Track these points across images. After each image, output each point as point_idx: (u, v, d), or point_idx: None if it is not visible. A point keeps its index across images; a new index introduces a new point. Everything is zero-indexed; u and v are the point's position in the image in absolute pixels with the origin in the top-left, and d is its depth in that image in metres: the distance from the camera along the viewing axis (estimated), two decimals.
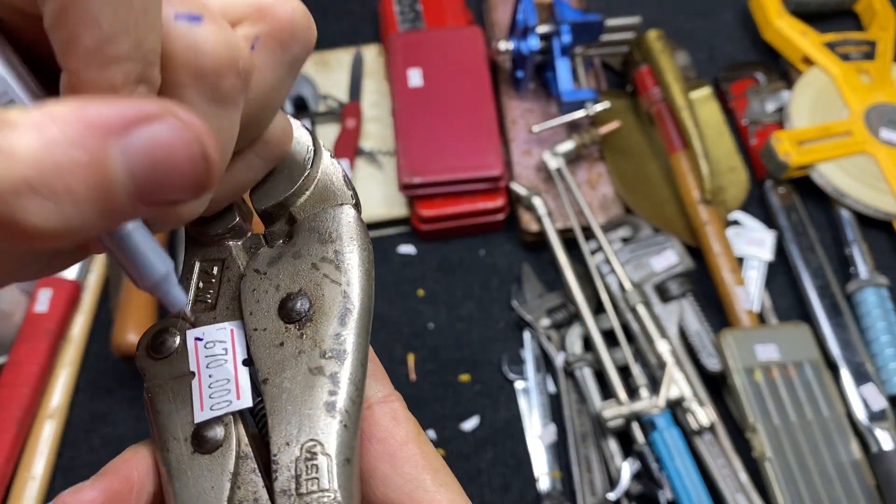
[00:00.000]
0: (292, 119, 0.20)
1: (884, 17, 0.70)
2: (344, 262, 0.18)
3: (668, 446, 0.49)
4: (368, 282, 0.18)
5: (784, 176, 0.62)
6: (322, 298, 0.18)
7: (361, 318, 0.18)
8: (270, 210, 0.19)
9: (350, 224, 0.19)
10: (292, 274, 0.18)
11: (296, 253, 0.19)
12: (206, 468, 0.17)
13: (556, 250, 0.57)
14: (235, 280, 0.19)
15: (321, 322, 0.18)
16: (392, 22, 0.69)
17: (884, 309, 0.57)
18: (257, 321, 0.18)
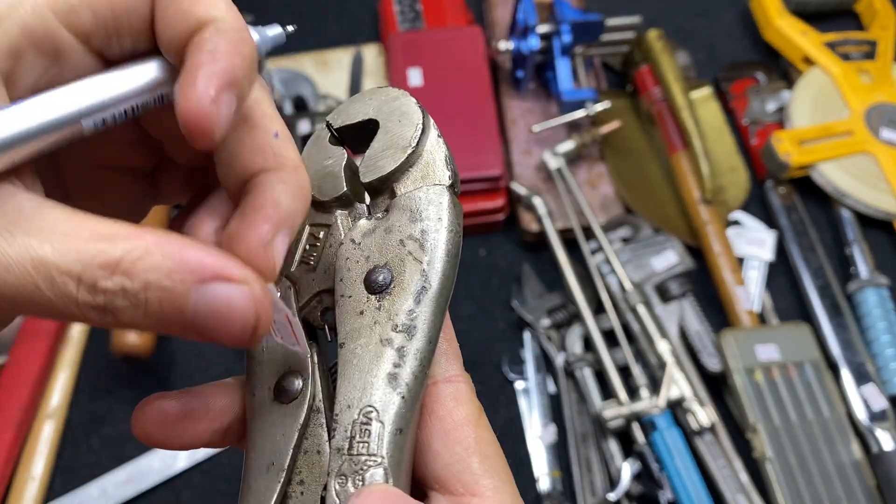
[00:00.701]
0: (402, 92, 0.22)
1: (884, 16, 0.70)
2: (428, 241, 0.19)
3: (669, 446, 0.49)
4: (450, 264, 0.19)
5: (784, 176, 0.61)
6: (403, 274, 0.19)
7: (437, 298, 0.19)
8: (375, 183, 0.20)
9: (441, 205, 0.20)
10: (381, 247, 0.20)
11: (388, 228, 0.20)
12: (281, 416, 0.19)
13: (556, 250, 0.57)
14: (336, 246, 0.20)
15: (398, 296, 0.19)
16: (392, 22, 0.69)
17: (884, 309, 0.57)
18: (345, 288, 0.19)
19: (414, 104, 0.22)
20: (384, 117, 0.21)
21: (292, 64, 0.70)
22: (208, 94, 0.16)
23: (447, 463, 0.19)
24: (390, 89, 0.22)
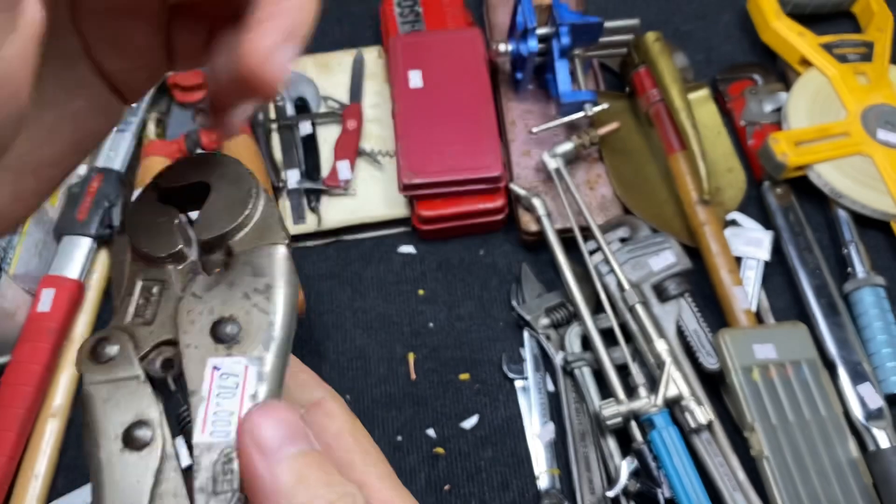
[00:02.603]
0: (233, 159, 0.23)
1: (881, 18, 0.71)
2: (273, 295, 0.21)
3: (667, 445, 0.50)
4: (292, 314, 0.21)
5: (781, 176, 0.62)
6: (250, 325, 0.20)
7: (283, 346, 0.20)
8: (211, 241, 0.22)
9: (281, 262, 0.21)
10: (226, 300, 0.21)
11: (230, 282, 0.21)
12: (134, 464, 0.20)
13: (555, 250, 0.58)
14: (173, 301, 0.21)
15: (247, 345, 0.20)
16: (392, 24, 0.69)
17: (881, 309, 0.57)
18: (191, 339, 0.20)
19: (244, 169, 0.23)
20: (215, 180, 0.23)
21: (294, 66, 0.70)
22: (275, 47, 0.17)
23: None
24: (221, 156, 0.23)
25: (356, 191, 0.64)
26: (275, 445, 0.18)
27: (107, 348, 0.21)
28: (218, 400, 0.20)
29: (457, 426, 0.55)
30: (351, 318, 0.60)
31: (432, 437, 0.55)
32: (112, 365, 0.21)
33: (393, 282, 0.61)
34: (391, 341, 0.59)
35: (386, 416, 0.56)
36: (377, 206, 0.63)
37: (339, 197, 0.63)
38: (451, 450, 0.54)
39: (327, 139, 0.66)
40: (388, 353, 0.58)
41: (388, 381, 0.57)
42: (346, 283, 0.61)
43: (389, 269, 0.62)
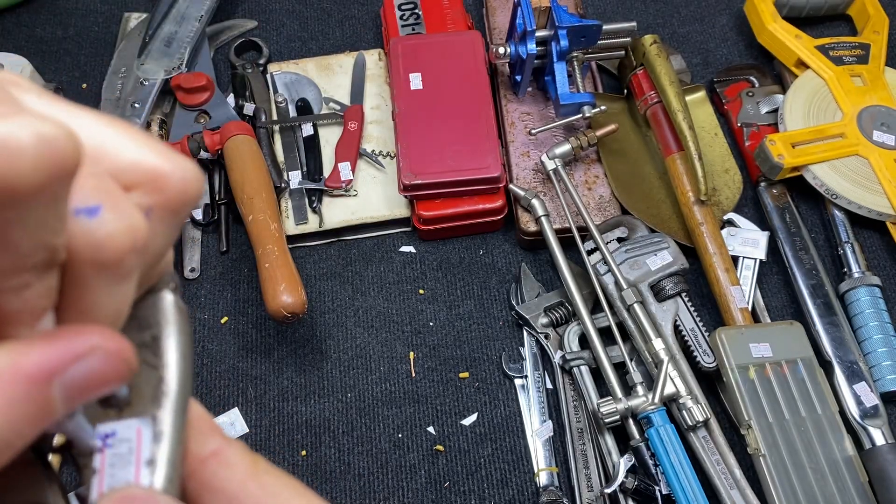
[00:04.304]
0: None
1: (877, 20, 0.71)
2: (161, 347, 0.19)
3: (664, 442, 0.50)
4: (185, 364, 0.19)
5: (778, 177, 0.62)
6: (140, 383, 0.19)
7: (178, 400, 0.19)
8: None
9: (168, 310, 0.19)
10: None
11: None
12: None
13: (553, 250, 0.58)
14: None
15: (138, 406, 0.18)
16: (393, 27, 0.70)
17: (876, 308, 0.58)
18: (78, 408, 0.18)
19: None
20: None
21: (296, 68, 0.71)
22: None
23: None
24: None
25: (357, 191, 0.64)
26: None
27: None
28: (112, 471, 0.18)
29: (457, 424, 0.56)
30: (352, 317, 0.60)
31: (432, 435, 0.55)
32: None
33: (393, 281, 0.62)
34: (392, 340, 0.59)
35: (387, 413, 0.56)
36: (378, 206, 0.63)
37: (341, 197, 0.64)
38: (451, 447, 0.55)
39: (329, 140, 0.67)
40: (388, 352, 0.59)
41: (389, 380, 0.58)
42: (347, 283, 0.62)
43: (390, 268, 0.62)
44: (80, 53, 0.74)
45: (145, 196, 0.17)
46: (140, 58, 0.68)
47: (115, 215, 0.15)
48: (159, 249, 0.18)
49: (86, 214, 0.15)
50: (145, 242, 0.16)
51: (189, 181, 0.17)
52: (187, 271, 0.62)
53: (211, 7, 0.71)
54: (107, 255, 0.15)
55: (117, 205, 0.16)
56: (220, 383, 0.58)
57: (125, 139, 0.17)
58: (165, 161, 0.17)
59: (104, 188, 0.16)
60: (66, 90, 0.62)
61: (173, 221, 0.18)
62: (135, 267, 0.16)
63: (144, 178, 0.17)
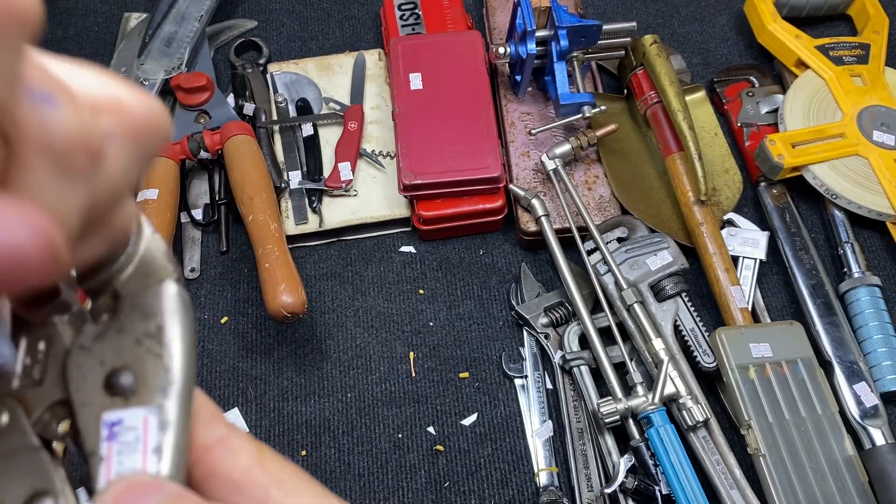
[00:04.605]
0: None
1: (877, 20, 0.71)
2: (165, 336, 0.19)
3: (664, 442, 0.50)
4: (190, 353, 0.19)
5: (778, 177, 0.62)
6: (145, 372, 0.19)
7: (183, 389, 0.19)
8: (95, 286, 0.20)
9: (172, 299, 0.20)
10: (117, 349, 0.19)
11: (119, 329, 0.19)
12: None
13: (553, 250, 0.58)
14: (61, 355, 0.20)
15: (144, 395, 0.19)
16: (393, 27, 0.70)
17: (876, 308, 0.58)
18: (84, 396, 0.19)
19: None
20: None
21: (296, 68, 0.71)
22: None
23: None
24: None
25: (357, 191, 0.64)
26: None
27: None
28: (119, 458, 0.18)
29: (457, 424, 0.56)
30: (352, 317, 0.60)
31: (432, 435, 0.55)
32: (2, 435, 0.19)
33: (393, 281, 0.62)
34: (392, 340, 0.59)
35: (387, 413, 0.56)
36: (378, 206, 0.63)
37: (341, 197, 0.64)
38: (451, 447, 0.55)
39: (329, 140, 0.67)
40: (388, 352, 0.59)
41: (389, 380, 0.58)
42: (348, 283, 0.62)
43: (390, 268, 0.63)
44: (80, 53, 0.74)
45: (108, 118, 0.17)
46: (140, 58, 0.68)
47: (71, 111, 0.15)
48: (120, 179, 0.17)
49: (41, 101, 0.15)
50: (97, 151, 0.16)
51: (153, 111, 0.17)
52: (187, 271, 0.62)
53: (211, 7, 0.71)
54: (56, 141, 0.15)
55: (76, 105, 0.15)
56: (220, 383, 0.58)
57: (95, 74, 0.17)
58: (131, 92, 0.17)
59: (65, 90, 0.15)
60: None
61: (136, 151, 0.17)
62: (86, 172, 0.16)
63: (108, 103, 0.17)
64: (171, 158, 0.62)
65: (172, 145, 0.63)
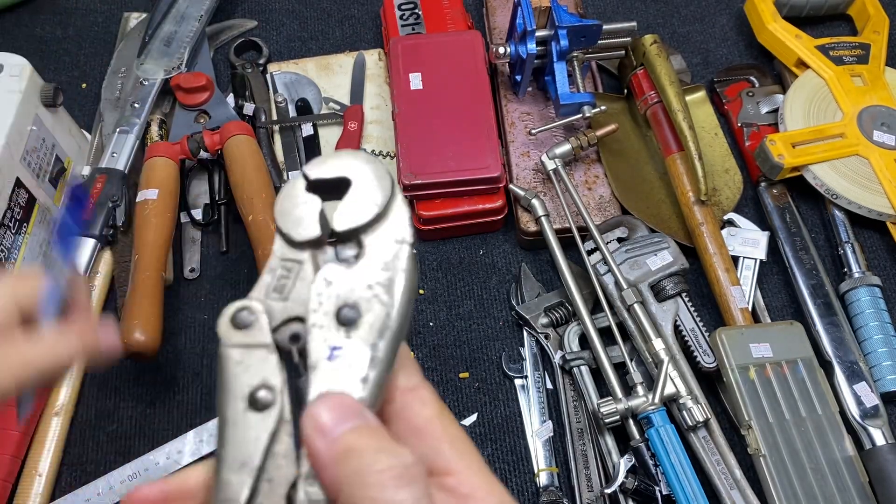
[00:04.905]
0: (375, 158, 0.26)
1: (877, 20, 0.71)
2: (393, 289, 0.23)
3: (664, 442, 0.50)
4: (408, 308, 0.23)
5: (778, 177, 0.62)
6: (370, 313, 0.23)
7: (396, 335, 0.23)
8: (346, 233, 0.24)
9: (404, 260, 0.23)
10: (351, 289, 0.23)
11: (358, 273, 0.23)
12: (254, 423, 0.22)
13: (553, 250, 0.58)
14: (307, 282, 0.24)
15: (365, 332, 0.23)
16: (393, 26, 0.70)
17: (876, 308, 0.58)
18: (318, 319, 0.23)
19: (385, 170, 0.25)
20: (356, 177, 0.25)
21: (295, 68, 0.71)
22: None
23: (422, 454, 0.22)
24: (365, 154, 0.26)
25: None
26: (330, 425, 0.21)
27: (245, 316, 0.23)
28: (333, 377, 0.22)
29: None
30: None
31: None
32: (248, 332, 0.23)
33: None
34: None
35: None
36: None
37: None
38: None
39: (329, 140, 0.67)
40: None
41: None
42: None
43: None
44: (80, 53, 0.74)
45: None
46: (140, 57, 0.68)
47: None
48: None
49: None
50: None
51: None
52: (187, 271, 0.62)
53: (211, 7, 0.71)
54: None
55: None
56: None
57: None
58: None
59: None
60: (65, 90, 0.62)
61: None
62: None
63: None
64: (170, 158, 0.61)
65: (172, 145, 0.63)
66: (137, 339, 0.52)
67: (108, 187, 0.61)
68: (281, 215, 0.25)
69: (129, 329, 0.52)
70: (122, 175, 0.62)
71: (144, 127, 0.65)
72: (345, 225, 0.24)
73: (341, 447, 0.20)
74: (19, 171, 0.56)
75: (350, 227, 0.24)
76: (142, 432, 0.55)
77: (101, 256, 0.61)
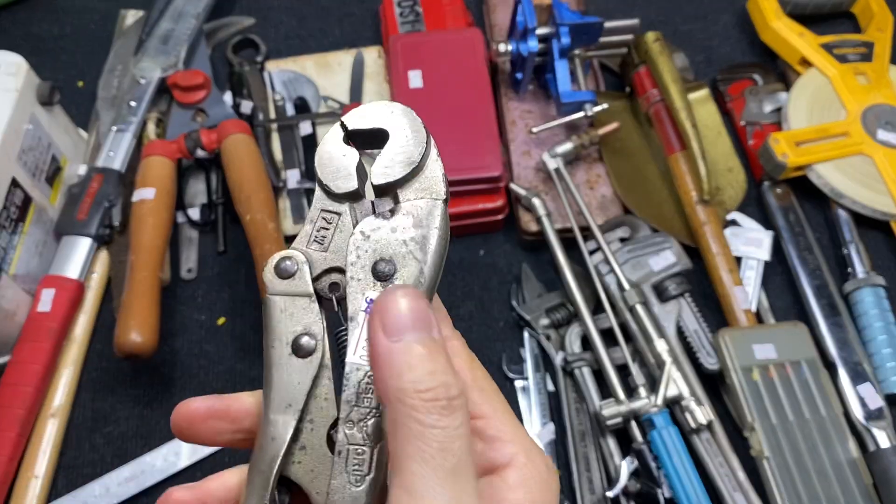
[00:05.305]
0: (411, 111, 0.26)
1: (881, 18, 0.71)
2: (427, 245, 0.24)
3: (667, 445, 0.50)
4: (440, 263, 0.24)
5: (781, 176, 0.62)
6: (405, 268, 0.24)
7: (429, 290, 0.24)
8: (383, 187, 0.25)
9: (438, 217, 0.24)
10: (387, 243, 0.24)
11: (393, 228, 0.24)
12: (298, 368, 0.24)
13: (555, 250, 0.58)
14: (345, 234, 0.25)
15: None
16: (392, 24, 0.69)
17: (881, 309, 0.57)
18: (356, 272, 0.24)
19: (421, 124, 0.26)
20: (394, 130, 0.25)
21: (294, 66, 0.70)
22: None
23: None
24: (401, 106, 0.26)
25: None
26: (397, 327, 0.21)
27: (288, 265, 0.25)
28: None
29: None
30: None
31: None
32: (291, 281, 0.25)
33: None
34: None
35: None
36: None
37: None
38: None
39: None
40: None
41: None
42: None
43: None
44: (77, 51, 0.74)
45: None
46: (137, 55, 0.67)
47: None
48: None
49: None
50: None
51: None
52: (184, 272, 0.62)
53: (208, 4, 0.70)
54: None
55: None
56: (217, 385, 0.57)
57: None
58: None
59: None
60: (62, 88, 0.62)
61: None
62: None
63: None
64: (167, 157, 0.61)
65: (169, 144, 0.62)
66: (134, 339, 0.51)
67: (105, 187, 0.60)
68: (321, 166, 0.25)
69: (125, 330, 0.52)
70: (118, 174, 0.62)
71: (141, 125, 0.65)
72: (381, 179, 0.25)
73: (400, 357, 0.21)
74: (15, 170, 0.56)
75: (386, 181, 0.25)
76: (138, 434, 0.55)
77: (98, 256, 0.60)
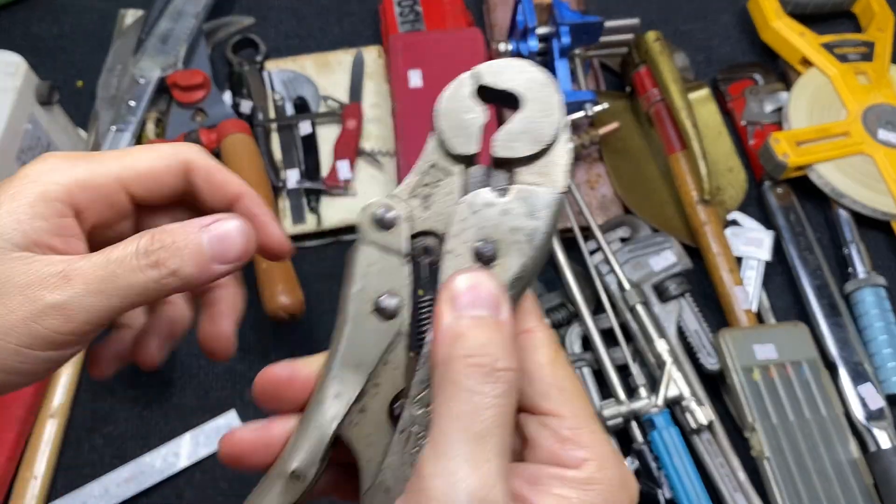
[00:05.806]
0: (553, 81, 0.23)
1: (882, 18, 0.71)
2: (535, 237, 0.23)
3: (667, 445, 0.50)
4: (543, 261, 0.23)
5: (782, 176, 0.62)
6: (508, 257, 0.22)
7: (527, 283, 0.23)
8: (502, 159, 0.23)
9: (552, 209, 0.23)
10: (495, 226, 0.23)
11: (505, 211, 0.23)
12: (374, 328, 0.23)
13: (555, 250, 0.58)
14: (452, 197, 0.23)
15: (498, 273, 0.22)
16: (392, 23, 0.69)
17: (881, 309, 0.57)
18: (455, 246, 0.23)
19: (560, 101, 0.23)
20: (528, 99, 0.23)
21: (293, 65, 0.70)
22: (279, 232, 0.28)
23: (530, 396, 0.22)
24: (543, 73, 0.24)
25: (356, 190, 0.63)
26: (463, 303, 0.21)
27: (389, 216, 0.23)
28: None
29: None
30: None
31: None
32: (387, 234, 0.23)
33: None
34: None
35: None
36: None
37: (339, 197, 0.63)
38: None
39: (327, 139, 0.66)
40: None
41: None
42: None
43: None
44: (76, 51, 0.74)
45: None
46: (136, 55, 0.67)
47: None
48: None
49: None
50: None
51: None
52: None
53: (208, 4, 0.70)
54: None
55: None
56: (217, 385, 0.57)
57: None
58: None
59: None
60: (61, 88, 0.62)
61: None
62: None
63: None
64: None
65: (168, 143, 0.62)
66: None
67: None
68: (443, 117, 0.23)
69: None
70: None
71: (140, 125, 0.64)
72: (502, 152, 0.23)
73: (462, 332, 0.20)
74: (14, 169, 0.56)
75: (509, 155, 0.23)
76: (138, 434, 0.55)
77: None
